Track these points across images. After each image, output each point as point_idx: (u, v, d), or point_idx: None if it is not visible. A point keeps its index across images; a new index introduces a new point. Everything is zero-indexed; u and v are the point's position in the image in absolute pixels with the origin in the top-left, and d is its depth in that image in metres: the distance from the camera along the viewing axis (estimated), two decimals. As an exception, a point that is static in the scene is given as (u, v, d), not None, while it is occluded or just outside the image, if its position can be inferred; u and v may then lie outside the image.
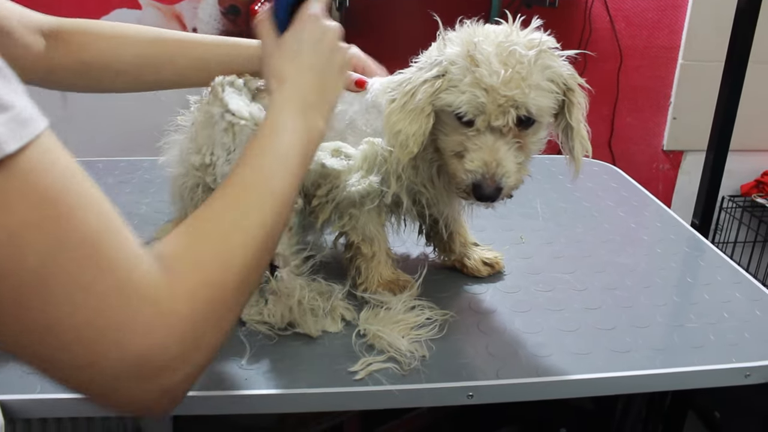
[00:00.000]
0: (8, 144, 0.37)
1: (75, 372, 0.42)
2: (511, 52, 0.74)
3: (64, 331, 0.40)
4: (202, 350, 0.47)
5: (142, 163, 1.45)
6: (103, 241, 0.42)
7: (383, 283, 0.91)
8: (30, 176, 0.38)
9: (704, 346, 0.84)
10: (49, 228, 0.39)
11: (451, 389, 0.77)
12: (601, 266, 1.04)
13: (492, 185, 0.75)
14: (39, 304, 0.40)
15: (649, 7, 2.24)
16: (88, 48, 0.86)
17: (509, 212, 1.24)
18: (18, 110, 0.38)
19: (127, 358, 0.42)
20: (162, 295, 0.44)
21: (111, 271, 0.42)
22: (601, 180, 1.42)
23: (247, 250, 0.52)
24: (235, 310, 0.51)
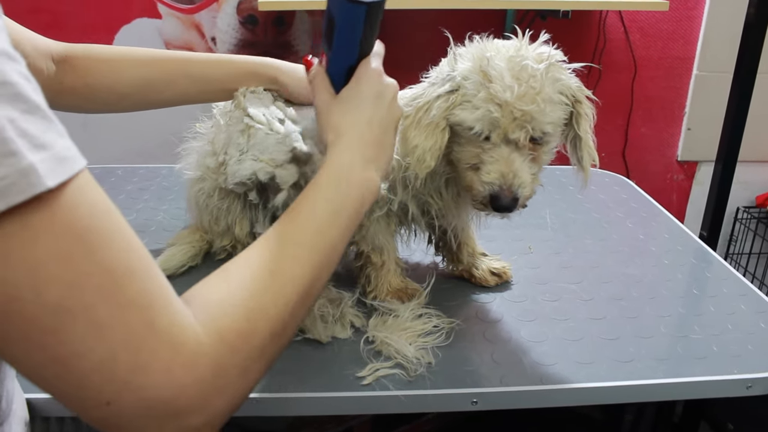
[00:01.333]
0: (47, 179, 0.38)
1: (93, 410, 0.43)
2: (523, 66, 0.76)
3: (79, 370, 0.40)
4: (224, 397, 0.46)
5: (160, 170, 1.49)
6: (128, 281, 0.42)
7: (392, 292, 0.94)
8: (62, 212, 0.39)
9: (707, 357, 0.86)
10: (73, 264, 0.39)
11: (455, 395, 0.79)
12: (608, 277, 1.06)
13: (509, 196, 0.78)
14: (55, 340, 0.39)
15: (663, 18, 2.24)
16: (92, 72, 0.90)
17: (519, 223, 1.26)
18: (58, 149, 0.40)
19: (144, 399, 0.42)
20: (186, 339, 0.44)
21: (133, 312, 0.41)
22: (612, 191, 1.44)
23: (282, 303, 0.52)
24: (264, 360, 0.50)
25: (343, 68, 0.72)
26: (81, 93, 0.90)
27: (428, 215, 0.92)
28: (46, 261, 0.38)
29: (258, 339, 0.49)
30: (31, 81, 0.40)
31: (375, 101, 0.71)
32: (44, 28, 2.20)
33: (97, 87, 0.91)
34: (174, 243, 1.05)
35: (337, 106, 0.72)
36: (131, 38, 2.19)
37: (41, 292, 0.38)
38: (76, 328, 0.40)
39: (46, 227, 0.38)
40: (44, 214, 0.38)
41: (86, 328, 0.40)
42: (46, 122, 0.40)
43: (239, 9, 2.20)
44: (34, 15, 2.09)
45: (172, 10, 2.19)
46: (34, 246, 0.38)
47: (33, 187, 0.37)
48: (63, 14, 2.13)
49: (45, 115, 0.40)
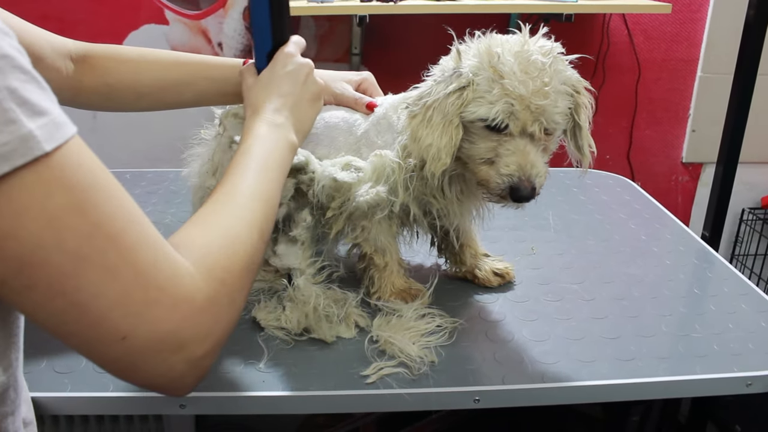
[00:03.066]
0: (47, 143, 0.42)
1: (108, 347, 0.47)
2: (532, 61, 0.78)
3: (96, 309, 0.45)
4: (220, 325, 0.52)
5: (168, 174, 1.51)
6: (130, 229, 0.47)
7: (396, 292, 0.95)
8: (65, 171, 0.44)
9: (707, 356, 0.87)
10: (84, 214, 0.44)
11: (458, 393, 0.80)
12: (610, 277, 1.07)
13: (528, 186, 0.79)
14: (75, 284, 0.44)
15: (667, 21, 2.25)
16: (111, 72, 0.92)
17: (522, 224, 1.27)
18: (54, 116, 0.44)
19: (156, 332, 0.47)
20: (184, 277, 0.49)
21: (139, 254, 0.47)
22: (615, 193, 1.45)
23: (248, 241, 0.60)
24: (243, 290, 0.57)
25: (263, 55, 0.82)
26: (100, 92, 0.92)
27: (430, 216, 0.93)
28: (62, 213, 0.43)
29: (237, 271, 0.56)
30: (24, 54, 0.44)
31: (288, 78, 0.79)
32: (53, 34, 2.22)
33: (117, 86, 0.92)
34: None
35: (255, 86, 0.81)
36: (139, 44, 2.21)
37: (61, 240, 0.43)
38: (93, 271, 0.44)
39: (56, 184, 0.43)
40: (53, 173, 0.43)
41: (101, 271, 0.45)
42: (41, 91, 0.44)
43: (245, 14, 2.22)
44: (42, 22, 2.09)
45: (179, 16, 2.22)
46: (49, 200, 0.43)
47: (32, 151, 0.42)
48: (72, 21, 2.16)
49: (40, 85, 0.44)
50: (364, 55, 2.22)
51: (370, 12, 1.83)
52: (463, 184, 0.90)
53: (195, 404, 0.79)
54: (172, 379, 0.51)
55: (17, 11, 0.83)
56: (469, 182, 0.90)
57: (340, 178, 0.88)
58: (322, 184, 0.90)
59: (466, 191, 0.91)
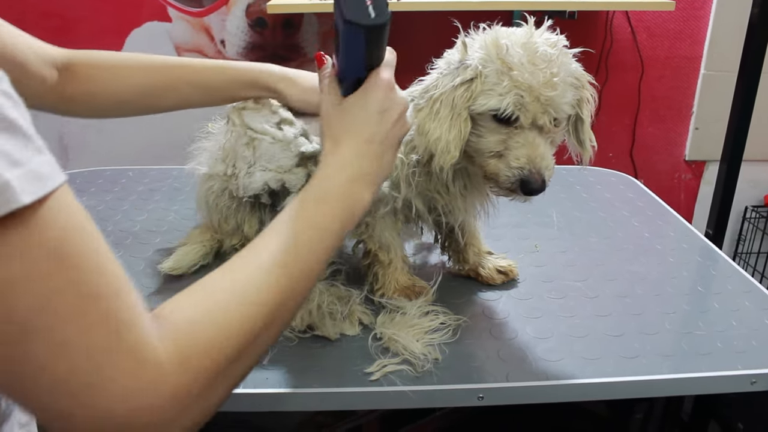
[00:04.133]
0: (22, 196, 0.38)
1: (53, 422, 0.43)
2: (540, 53, 0.77)
3: (42, 383, 0.41)
4: (185, 418, 0.46)
5: (171, 171, 1.51)
6: (95, 303, 0.42)
7: (400, 289, 0.95)
8: (36, 229, 0.39)
9: (711, 353, 0.86)
10: (43, 282, 0.40)
11: (462, 391, 0.80)
12: (613, 275, 1.07)
13: (539, 179, 0.79)
14: (21, 356, 0.40)
15: (670, 18, 2.25)
16: (94, 79, 0.91)
17: (525, 221, 1.27)
18: (33, 166, 0.39)
19: (101, 418, 0.42)
20: (148, 363, 0.43)
21: (95, 333, 0.42)
22: (618, 190, 1.44)
23: (247, 328, 0.50)
24: (226, 382, 0.49)
25: (351, 78, 0.70)
26: (83, 100, 0.92)
27: (435, 212, 0.93)
28: (18, 279, 0.39)
29: (221, 363, 0.48)
30: (12, 97, 0.40)
31: (379, 117, 0.68)
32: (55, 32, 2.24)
33: (99, 94, 0.92)
34: (185, 243, 1.07)
35: (340, 114, 0.69)
36: (142, 42, 2.21)
37: (11, 308, 0.39)
38: (41, 346, 0.40)
39: (20, 245, 0.39)
40: (19, 231, 0.38)
41: (51, 346, 0.40)
42: (23, 139, 0.40)
43: (248, 12, 2.23)
44: (45, 19, 2.12)
45: (181, 14, 2.22)
46: (8, 263, 0.38)
47: (8, 203, 0.37)
48: (74, 18, 2.16)
49: (22, 132, 0.40)
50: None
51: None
52: (467, 179, 0.90)
53: (199, 401, 0.79)
54: None
55: (19, 8, 0.83)
56: (473, 177, 0.90)
57: None
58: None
59: (470, 186, 0.91)
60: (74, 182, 1.47)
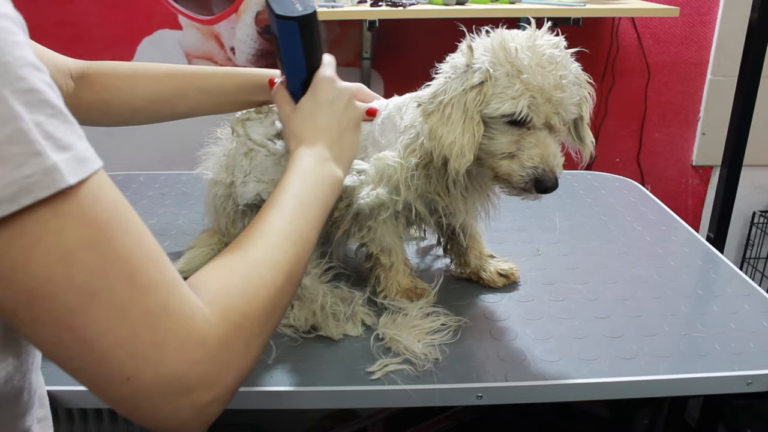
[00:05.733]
0: (69, 177, 0.42)
1: (113, 386, 0.46)
2: (548, 55, 0.79)
3: (103, 347, 0.44)
4: (232, 372, 0.50)
5: (180, 176, 1.54)
6: (144, 267, 0.46)
7: (401, 291, 0.97)
8: (84, 205, 0.43)
9: (708, 355, 0.88)
10: (97, 250, 0.44)
11: (461, 390, 0.82)
12: (614, 278, 1.08)
13: (552, 177, 0.81)
14: (82, 320, 0.43)
15: (676, 24, 2.26)
16: (108, 88, 0.95)
17: (528, 225, 1.29)
18: (77, 150, 0.44)
19: (162, 375, 0.46)
20: (197, 320, 0.48)
21: (151, 294, 0.46)
22: (622, 195, 1.46)
23: (271, 284, 0.57)
24: (261, 337, 0.55)
25: (298, 82, 0.80)
26: (98, 108, 0.95)
27: (437, 214, 0.95)
28: (75, 248, 0.43)
29: (256, 316, 0.54)
30: (54, 89, 0.44)
31: (329, 106, 0.79)
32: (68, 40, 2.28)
33: (113, 102, 0.95)
34: (194, 246, 1.09)
35: (295, 116, 0.80)
36: (153, 50, 2.25)
37: (71, 275, 0.43)
38: (101, 308, 0.44)
39: (72, 218, 0.43)
40: (70, 207, 0.43)
41: (110, 308, 0.44)
42: (68, 126, 0.44)
43: (257, 20, 2.26)
44: (59, 28, 2.16)
45: (192, 22, 2.25)
46: (63, 234, 0.42)
47: (56, 183, 0.42)
48: (87, 27, 2.20)
49: (67, 119, 0.44)
50: (375, 60, 2.24)
51: (379, 17, 1.86)
52: (468, 180, 0.91)
53: (205, 399, 0.81)
54: (178, 423, 0.49)
55: (35, 17, 0.87)
56: (474, 179, 0.92)
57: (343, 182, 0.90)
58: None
59: (470, 188, 0.92)
60: None
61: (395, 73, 2.32)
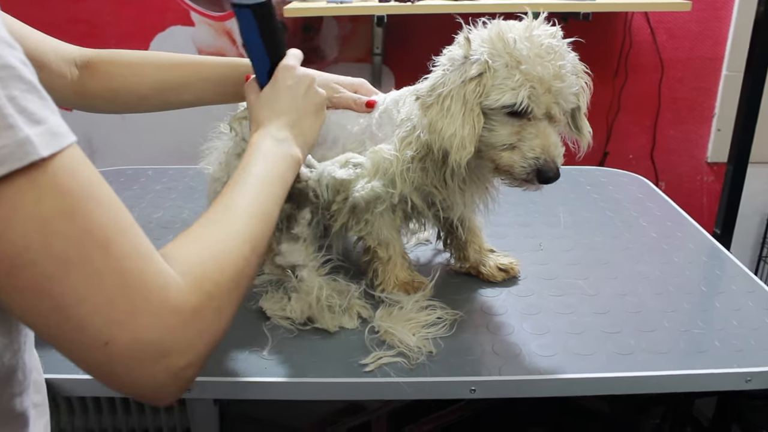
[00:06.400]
0: (42, 149, 0.43)
1: (89, 352, 0.47)
2: (546, 45, 0.79)
3: (80, 314, 0.46)
4: (204, 338, 0.53)
5: (188, 171, 1.55)
6: (120, 238, 0.47)
7: (399, 284, 0.97)
8: (58, 177, 0.45)
9: (708, 351, 0.87)
10: (74, 220, 0.45)
11: (454, 383, 0.82)
12: (616, 273, 1.07)
13: (554, 167, 0.81)
14: (60, 288, 0.45)
15: (691, 19, 2.23)
16: (113, 76, 0.95)
17: (532, 220, 1.28)
18: (51, 125, 0.45)
19: (137, 341, 0.47)
20: (171, 288, 0.50)
21: (126, 264, 0.47)
22: (628, 191, 1.44)
23: (239, 255, 0.60)
24: (231, 305, 0.58)
25: (264, 72, 0.85)
26: (104, 96, 0.96)
27: (434, 207, 0.94)
28: (52, 218, 0.44)
29: (227, 285, 0.56)
30: (28, 65, 0.45)
31: (288, 92, 0.83)
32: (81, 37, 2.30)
33: (119, 90, 0.96)
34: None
35: (258, 102, 0.84)
36: (166, 46, 2.27)
37: (49, 244, 0.44)
38: (78, 277, 0.45)
39: (48, 189, 0.44)
40: (46, 178, 0.44)
41: (87, 277, 0.45)
42: (41, 101, 0.45)
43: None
44: (71, 25, 2.19)
45: (204, 18, 2.27)
46: (40, 204, 0.44)
47: (29, 155, 0.43)
48: (99, 24, 2.22)
49: (41, 95, 0.45)
50: (385, 56, 2.24)
51: (387, 12, 1.85)
52: (466, 173, 0.90)
53: (200, 388, 0.82)
54: (154, 388, 0.51)
55: (48, 14, 0.88)
56: (472, 171, 0.91)
57: (338, 176, 0.90)
58: (325, 183, 0.92)
59: (468, 180, 0.92)
60: None
61: (406, 68, 2.31)
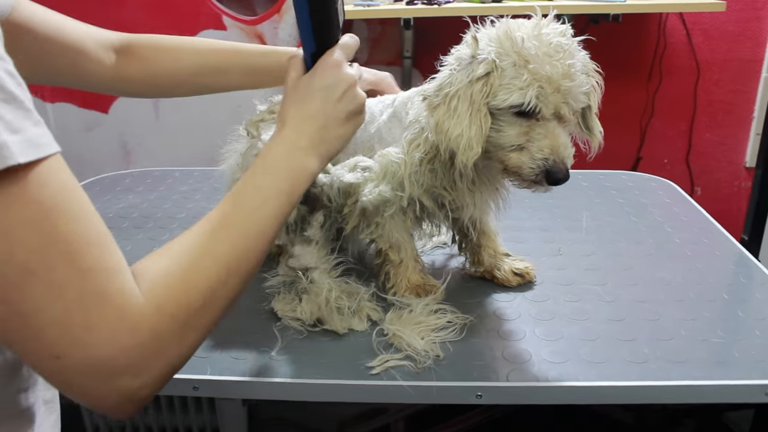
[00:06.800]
0: (18, 156, 0.43)
1: (44, 362, 0.47)
2: (555, 43, 0.77)
3: (37, 324, 0.45)
4: (162, 361, 0.51)
5: (213, 172, 1.57)
6: (86, 252, 0.47)
7: (411, 287, 0.96)
8: (31, 187, 0.45)
9: (726, 362, 0.84)
10: (40, 231, 0.45)
11: (460, 388, 0.81)
12: (635, 279, 1.04)
13: (564, 168, 0.79)
14: (19, 296, 0.45)
15: (729, 20, 2.17)
16: (151, 60, 0.97)
17: (553, 225, 1.26)
18: (30, 135, 0.45)
19: (89, 357, 0.47)
20: (131, 307, 0.49)
21: (88, 278, 0.47)
22: (656, 196, 1.41)
23: (213, 275, 0.56)
24: (198, 329, 0.55)
25: (308, 54, 0.75)
26: (142, 80, 0.97)
27: (445, 209, 0.93)
28: (18, 226, 0.44)
29: (193, 308, 0.54)
30: (16, 77, 0.46)
31: (322, 94, 0.74)
32: (118, 40, 2.35)
33: (157, 74, 0.97)
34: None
35: (290, 94, 0.76)
36: (198, 49, 2.31)
37: (12, 252, 0.44)
38: (38, 287, 0.45)
39: (18, 198, 0.44)
40: (17, 186, 0.44)
41: (46, 288, 0.45)
42: (22, 112, 0.45)
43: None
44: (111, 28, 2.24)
45: (236, 22, 2.30)
46: (8, 212, 0.44)
47: (5, 160, 0.43)
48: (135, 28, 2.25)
49: (23, 106, 0.45)
50: (415, 59, 2.24)
51: (414, 15, 1.85)
52: (475, 174, 0.90)
53: (206, 386, 0.83)
54: (106, 406, 0.50)
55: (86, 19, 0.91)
56: (481, 172, 0.90)
57: (347, 180, 0.90)
58: (336, 187, 0.92)
59: (478, 181, 0.91)
60: (123, 181, 1.55)
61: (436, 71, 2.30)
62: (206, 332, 0.57)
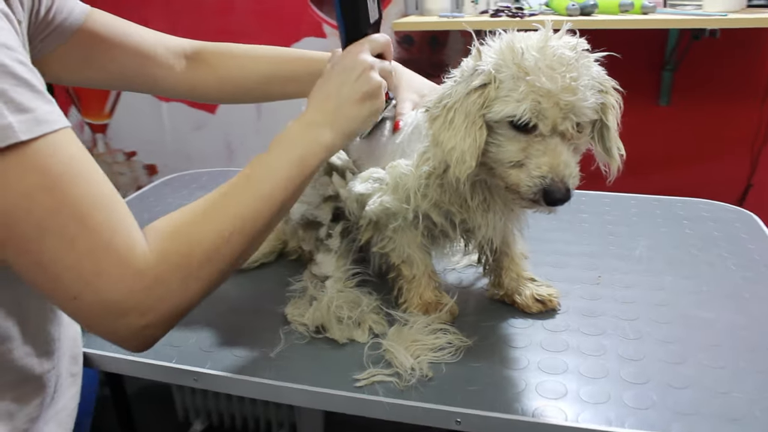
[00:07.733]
0: (21, 134, 0.53)
1: (64, 302, 0.58)
2: (558, 56, 0.74)
3: (54, 271, 0.56)
4: (165, 304, 0.60)
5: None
6: (95, 211, 0.56)
7: (422, 304, 0.95)
8: (40, 157, 0.54)
9: (740, 420, 0.75)
10: (52, 194, 0.54)
11: (439, 411, 0.79)
12: (670, 318, 0.96)
13: (562, 188, 0.75)
14: (37, 247, 0.55)
15: None
16: (220, 67, 1.02)
17: (602, 251, 1.19)
18: (38, 113, 0.54)
19: (100, 299, 0.57)
20: (137, 256, 0.58)
21: (97, 233, 0.56)
22: (732, 228, 1.28)
23: (218, 231, 0.65)
24: (201, 279, 0.63)
25: (342, 47, 0.86)
26: (213, 86, 1.03)
27: (460, 227, 0.92)
28: (33, 191, 0.54)
29: (196, 259, 0.62)
30: (27, 65, 0.55)
31: (340, 75, 0.82)
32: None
33: (227, 80, 1.03)
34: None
35: (320, 78, 0.84)
36: (299, 56, 2.41)
37: (30, 211, 0.54)
38: (53, 240, 0.55)
39: (29, 167, 0.54)
40: (27, 158, 0.54)
41: (60, 241, 0.55)
42: (33, 93, 0.55)
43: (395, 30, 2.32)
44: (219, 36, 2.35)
45: (335, 30, 2.37)
46: (23, 179, 0.53)
47: (8, 138, 0.52)
48: (243, 35, 2.42)
49: (35, 89, 0.55)
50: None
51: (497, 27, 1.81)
52: (487, 192, 0.87)
53: (204, 379, 0.87)
54: (118, 340, 0.61)
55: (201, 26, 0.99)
56: (494, 191, 0.87)
57: (357, 190, 0.91)
58: (353, 198, 0.93)
59: (491, 200, 0.87)
60: (171, 184, 1.64)
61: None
62: (209, 285, 0.64)
